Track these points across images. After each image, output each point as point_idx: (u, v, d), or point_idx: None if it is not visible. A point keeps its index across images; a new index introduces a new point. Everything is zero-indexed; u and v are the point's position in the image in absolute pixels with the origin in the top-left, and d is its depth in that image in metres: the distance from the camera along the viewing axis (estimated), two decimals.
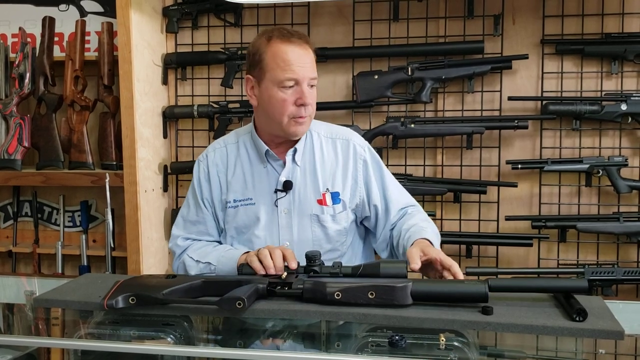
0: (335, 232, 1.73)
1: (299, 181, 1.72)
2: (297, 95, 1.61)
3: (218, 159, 1.78)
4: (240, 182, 1.74)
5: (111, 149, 2.61)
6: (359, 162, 1.75)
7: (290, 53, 1.60)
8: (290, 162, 1.72)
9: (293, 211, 1.71)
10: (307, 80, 1.62)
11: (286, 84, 1.60)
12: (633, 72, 2.43)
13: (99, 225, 2.87)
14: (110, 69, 2.60)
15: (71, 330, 1.40)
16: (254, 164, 1.74)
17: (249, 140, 1.76)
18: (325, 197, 1.72)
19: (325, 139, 1.77)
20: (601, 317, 1.22)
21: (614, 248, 2.47)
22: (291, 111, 1.62)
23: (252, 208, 1.72)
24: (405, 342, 1.14)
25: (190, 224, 1.80)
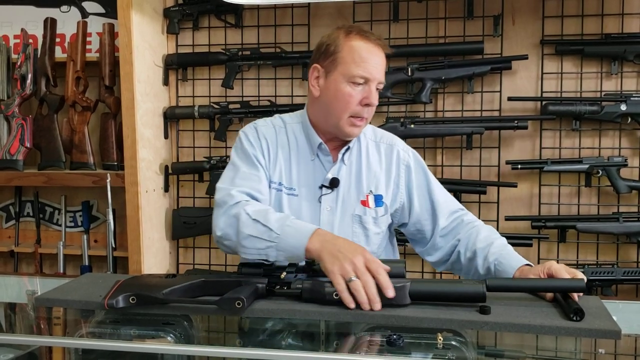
0: (374, 234, 1.72)
1: (344, 180, 1.70)
2: (364, 94, 1.59)
3: (267, 133, 1.72)
4: (286, 167, 1.69)
5: (112, 149, 2.62)
6: (402, 167, 1.74)
7: (367, 51, 1.59)
8: (339, 160, 1.70)
9: (336, 209, 1.69)
10: (377, 83, 1.60)
11: (357, 80, 1.58)
12: (633, 73, 2.43)
13: (101, 226, 2.88)
14: (112, 69, 2.62)
15: (72, 329, 1.41)
16: (301, 154, 1.70)
17: (299, 130, 1.72)
18: (369, 198, 1.70)
19: (371, 141, 1.76)
20: (598, 317, 1.22)
21: (614, 248, 2.48)
22: (354, 109, 1.60)
23: (294, 199, 1.68)
24: (403, 341, 1.15)
25: (241, 179, 1.64)
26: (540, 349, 1.27)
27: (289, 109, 2.56)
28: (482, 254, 1.56)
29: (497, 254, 1.53)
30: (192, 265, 2.79)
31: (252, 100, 2.66)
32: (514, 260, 1.49)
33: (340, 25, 1.69)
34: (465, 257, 1.62)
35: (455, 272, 1.72)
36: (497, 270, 1.50)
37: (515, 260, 1.49)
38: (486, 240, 1.59)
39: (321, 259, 1.35)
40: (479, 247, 1.58)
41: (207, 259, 2.80)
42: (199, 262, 2.80)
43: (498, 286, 1.29)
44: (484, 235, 1.62)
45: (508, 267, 1.47)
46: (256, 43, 2.68)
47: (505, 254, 1.52)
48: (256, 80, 2.69)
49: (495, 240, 1.59)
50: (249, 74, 2.69)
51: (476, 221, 1.70)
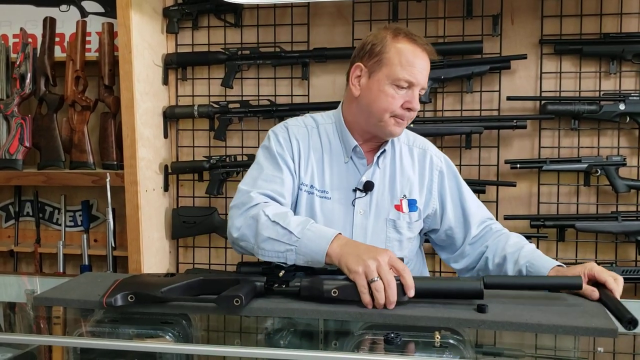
0: (408, 239, 1.70)
1: (379, 184, 1.68)
2: (407, 98, 1.59)
3: (298, 134, 1.70)
4: (319, 169, 1.67)
5: (112, 148, 2.63)
6: (435, 173, 1.73)
7: (415, 55, 1.58)
8: (374, 163, 1.69)
9: (369, 213, 1.67)
10: (420, 87, 1.60)
11: (402, 83, 1.57)
12: (631, 72, 2.43)
13: (100, 225, 2.88)
14: (111, 69, 2.62)
15: (71, 329, 1.41)
16: (334, 156, 1.68)
17: (333, 131, 1.71)
18: (403, 203, 1.69)
19: (404, 145, 1.75)
20: (595, 316, 1.23)
21: (612, 247, 2.48)
22: (396, 111, 1.59)
23: (327, 202, 1.66)
24: (401, 340, 1.15)
25: (264, 181, 1.61)
26: (539, 347, 1.28)
27: (289, 109, 2.59)
28: (512, 259, 1.56)
29: (528, 256, 1.53)
30: (192, 264, 2.79)
31: (251, 100, 2.67)
32: (547, 262, 1.49)
33: (384, 25, 1.68)
34: (494, 262, 1.61)
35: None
36: (529, 272, 1.50)
37: (548, 262, 1.49)
38: (516, 246, 1.59)
39: (344, 261, 1.32)
40: (509, 252, 1.58)
41: (207, 258, 2.80)
42: (199, 261, 2.81)
43: (496, 283, 1.29)
44: (513, 241, 1.62)
45: (541, 267, 1.47)
46: (256, 42, 2.68)
47: (536, 256, 1.52)
48: (256, 79, 2.70)
49: (525, 245, 1.59)
50: (249, 74, 2.70)
51: (504, 229, 1.71)
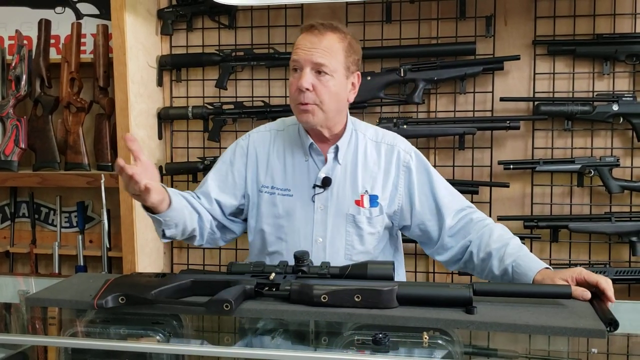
0: (369, 234, 1.72)
1: (339, 179, 1.71)
2: (299, 79, 1.60)
3: (259, 142, 1.78)
4: (280, 170, 1.74)
5: (107, 150, 2.63)
6: (402, 169, 1.73)
7: (301, 38, 1.61)
8: (331, 159, 1.72)
9: (329, 208, 1.70)
10: (310, 65, 1.58)
11: (292, 66, 1.62)
12: (624, 73, 2.44)
13: (96, 226, 2.89)
14: (106, 70, 2.63)
15: (62, 329, 1.42)
16: (296, 156, 1.74)
17: (295, 132, 1.76)
18: (364, 198, 1.70)
19: (371, 141, 1.76)
20: (584, 317, 1.23)
21: (606, 248, 2.49)
22: (295, 96, 1.62)
23: (289, 199, 1.72)
24: (389, 340, 1.16)
25: (205, 180, 1.80)
26: (531, 349, 1.28)
27: (283, 110, 2.60)
28: (497, 255, 1.56)
29: (514, 255, 1.52)
30: (186, 265, 2.80)
31: (245, 101, 2.67)
32: (534, 263, 1.48)
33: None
34: (479, 257, 1.61)
35: (469, 272, 1.71)
36: (516, 273, 1.49)
37: (534, 263, 1.48)
38: (501, 241, 1.58)
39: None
40: (494, 248, 1.57)
41: (201, 259, 2.81)
42: (193, 262, 2.81)
43: (485, 291, 1.29)
44: (497, 234, 1.60)
45: (527, 269, 1.46)
46: (250, 44, 2.69)
47: (523, 255, 1.51)
48: (250, 81, 2.70)
49: (510, 240, 1.58)
50: (243, 75, 2.70)
51: (486, 219, 1.68)
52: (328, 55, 1.59)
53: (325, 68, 1.59)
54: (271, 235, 1.75)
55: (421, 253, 2.60)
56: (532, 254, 1.55)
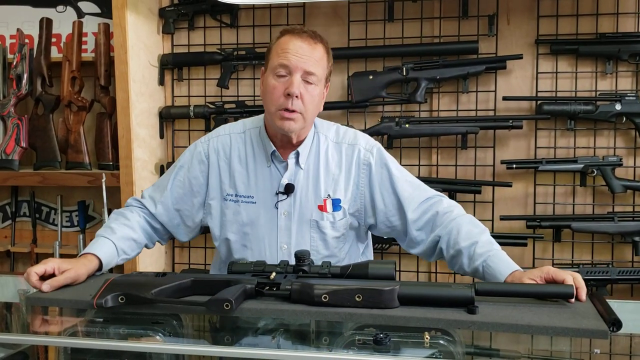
0: (333, 238, 1.72)
1: (302, 185, 1.70)
2: (287, 85, 1.58)
3: (220, 146, 1.74)
4: (243, 177, 1.71)
5: (108, 149, 2.63)
6: (362, 167, 1.71)
7: (291, 43, 1.59)
8: (293, 165, 1.70)
9: (293, 214, 1.70)
10: (301, 72, 1.58)
11: (279, 71, 1.58)
12: (627, 72, 2.43)
13: (97, 225, 2.88)
14: (107, 69, 2.62)
15: (63, 328, 1.41)
16: (258, 162, 1.71)
17: (257, 136, 1.73)
18: (326, 203, 1.70)
19: (332, 143, 1.74)
20: (586, 317, 1.23)
21: (609, 248, 2.47)
22: (280, 102, 1.58)
23: (252, 207, 1.71)
24: (390, 340, 1.15)
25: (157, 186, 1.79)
26: (533, 349, 1.27)
27: None
28: (467, 254, 1.54)
29: (484, 255, 1.50)
30: (187, 265, 2.79)
31: (247, 100, 2.67)
32: (503, 266, 1.46)
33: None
34: (449, 254, 1.59)
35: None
36: (487, 273, 1.48)
37: (504, 266, 1.46)
38: (469, 238, 1.55)
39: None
40: (463, 246, 1.55)
41: (203, 258, 2.80)
42: (195, 261, 2.81)
43: (487, 291, 1.29)
44: (465, 231, 1.57)
45: (498, 272, 1.45)
46: (251, 43, 2.68)
47: (492, 256, 1.49)
48: (252, 80, 2.70)
49: (480, 237, 1.54)
50: (244, 74, 2.70)
51: (453, 211, 1.64)
52: (317, 65, 1.60)
53: (314, 77, 1.60)
54: (236, 243, 1.74)
55: None
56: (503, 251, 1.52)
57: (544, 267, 1.38)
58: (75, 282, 1.44)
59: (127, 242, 1.64)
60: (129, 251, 1.65)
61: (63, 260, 1.46)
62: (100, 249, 1.56)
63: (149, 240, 1.74)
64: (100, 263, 1.53)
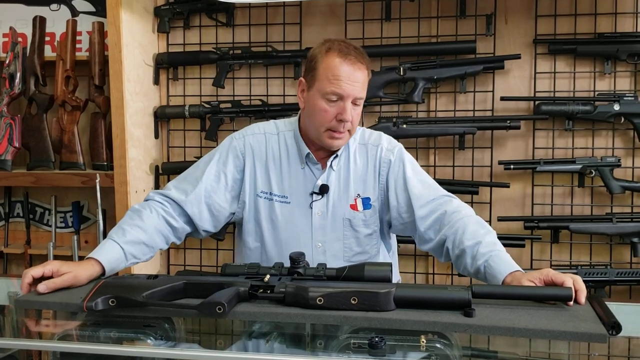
0: (365, 236, 1.77)
1: (334, 185, 1.76)
2: (338, 110, 1.63)
3: (255, 144, 1.79)
4: (277, 177, 1.76)
5: (102, 149, 2.60)
6: (383, 165, 1.77)
7: (341, 69, 1.62)
8: (328, 167, 1.76)
9: (327, 213, 1.75)
10: (352, 99, 1.64)
11: (331, 97, 1.63)
12: (626, 72, 2.41)
13: (91, 226, 2.86)
14: (102, 68, 2.59)
15: (52, 331, 1.39)
16: (292, 163, 1.77)
17: (291, 138, 1.79)
18: (357, 202, 1.76)
19: (359, 145, 1.80)
20: (584, 320, 1.21)
21: (607, 249, 2.46)
22: (330, 124, 1.65)
23: (287, 207, 1.75)
24: (386, 344, 1.13)
25: (183, 179, 1.77)
26: (526, 350, 1.26)
27: (281, 109, 2.58)
28: (470, 253, 1.54)
29: (486, 255, 1.49)
30: (182, 266, 2.77)
31: (243, 100, 2.64)
32: (504, 265, 1.45)
33: (325, 39, 1.72)
34: (454, 253, 1.60)
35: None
36: (488, 273, 1.47)
37: (505, 266, 1.45)
38: (474, 238, 1.55)
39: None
40: (467, 246, 1.55)
41: (198, 260, 2.77)
42: (190, 263, 2.78)
43: (484, 293, 1.27)
44: (471, 231, 1.58)
45: (497, 272, 1.44)
46: (247, 42, 2.66)
47: (494, 256, 1.48)
48: (248, 79, 2.67)
49: (484, 237, 1.55)
50: (240, 73, 2.67)
51: (461, 211, 1.66)
52: (363, 88, 1.68)
53: (360, 100, 1.68)
54: (270, 240, 1.77)
55: (420, 254, 2.57)
56: (506, 252, 1.52)
57: (543, 270, 1.37)
58: (73, 286, 1.40)
59: (138, 246, 1.59)
60: (139, 255, 1.60)
61: (63, 263, 1.43)
62: (105, 254, 1.51)
63: (163, 243, 1.69)
64: (104, 269, 1.48)
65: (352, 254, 1.77)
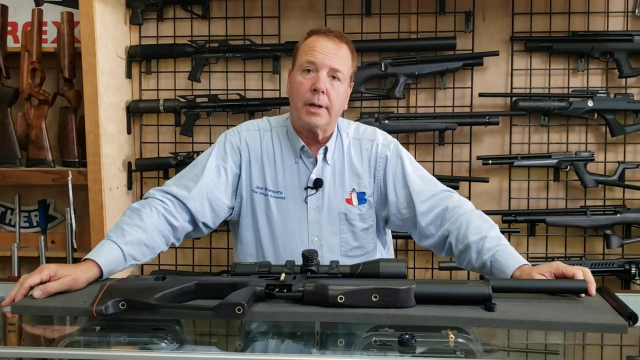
0: (362, 230, 1.77)
1: (329, 179, 1.75)
2: (314, 80, 1.63)
3: (251, 140, 1.78)
4: (272, 173, 1.76)
5: (73, 145, 2.49)
6: (379, 160, 1.77)
7: (318, 42, 1.66)
8: (321, 160, 1.75)
9: (322, 208, 1.75)
10: (327, 69, 1.64)
11: (306, 66, 1.64)
12: (598, 70, 2.48)
13: (58, 226, 2.73)
14: (71, 61, 2.48)
15: (55, 338, 1.32)
16: (285, 158, 1.76)
17: (284, 133, 1.78)
18: (352, 196, 1.76)
19: (353, 140, 1.80)
20: (601, 312, 1.23)
21: (581, 241, 2.53)
22: (306, 97, 1.64)
23: (282, 202, 1.75)
24: (415, 341, 1.12)
25: (182, 176, 1.73)
26: (542, 342, 1.27)
27: (260, 103, 2.54)
28: (475, 248, 1.55)
29: (492, 250, 1.51)
30: (157, 266, 2.69)
31: (220, 94, 2.58)
32: (511, 260, 1.47)
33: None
34: (457, 248, 1.60)
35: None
36: (495, 267, 1.48)
37: (512, 260, 1.47)
38: (479, 233, 1.56)
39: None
40: (472, 241, 1.56)
41: (173, 259, 2.70)
42: (164, 262, 2.70)
43: (503, 287, 1.28)
44: (475, 225, 1.59)
45: (505, 266, 1.46)
46: (224, 35, 2.60)
47: (501, 250, 1.50)
48: (224, 73, 2.61)
49: (489, 232, 1.56)
50: (217, 67, 2.61)
51: (463, 205, 1.67)
52: (343, 62, 1.67)
53: (340, 74, 1.66)
54: (266, 236, 1.76)
55: (401, 249, 2.58)
56: (511, 246, 1.54)
57: (553, 263, 1.40)
58: (71, 290, 1.33)
59: (138, 247, 1.52)
60: (139, 257, 1.53)
61: (60, 266, 1.35)
62: (103, 255, 1.43)
63: (164, 244, 1.62)
64: (102, 271, 1.41)
65: (349, 248, 1.76)
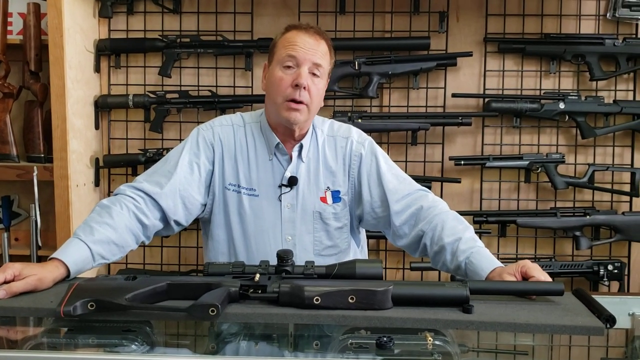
0: (336, 229, 1.75)
1: (303, 178, 1.73)
2: (294, 76, 1.61)
3: (224, 136, 1.74)
4: (245, 169, 1.72)
5: (38, 140, 2.41)
6: (354, 158, 1.76)
7: (298, 37, 1.64)
8: (296, 158, 1.73)
9: (296, 206, 1.72)
10: (308, 64, 1.62)
11: (286, 62, 1.62)
12: (569, 72, 2.51)
13: (22, 223, 2.65)
14: (37, 54, 2.40)
15: (18, 339, 1.27)
16: (259, 155, 1.73)
17: (257, 130, 1.75)
18: (327, 194, 1.74)
19: (328, 137, 1.78)
20: (579, 314, 1.23)
21: (551, 242, 2.56)
22: (287, 92, 1.61)
23: (255, 199, 1.72)
24: (393, 343, 1.10)
25: (153, 172, 1.67)
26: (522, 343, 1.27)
27: (232, 100, 2.49)
28: (450, 250, 1.54)
29: (467, 252, 1.50)
30: (124, 264, 2.62)
31: (191, 90, 2.54)
32: (486, 262, 1.47)
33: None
34: (432, 250, 1.60)
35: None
36: (469, 270, 1.48)
37: (487, 262, 1.47)
38: (453, 234, 1.56)
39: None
40: (447, 242, 1.55)
41: (141, 257, 2.64)
42: (132, 261, 2.64)
43: (480, 289, 1.27)
44: (450, 227, 1.58)
45: (480, 269, 1.46)
46: (196, 30, 2.55)
47: (475, 253, 1.50)
48: (195, 69, 2.57)
49: (464, 233, 1.56)
50: (188, 63, 2.56)
51: (437, 206, 1.66)
52: (323, 58, 1.67)
53: (321, 69, 1.66)
54: (238, 234, 1.72)
55: (372, 249, 2.57)
56: (485, 248, 1.54)
57: (520, 262, 1.41)
58: (37, 290, 1.28)
59: (107, 246, 1.47)
60: (108, 256, 1.48)
61: (26, 265, 1.30)
62: (71, 254, 1.38)
63: (134, 242, 1.57)
64: (69, 270, 1.36)
65: (323, 247, 1.74)
